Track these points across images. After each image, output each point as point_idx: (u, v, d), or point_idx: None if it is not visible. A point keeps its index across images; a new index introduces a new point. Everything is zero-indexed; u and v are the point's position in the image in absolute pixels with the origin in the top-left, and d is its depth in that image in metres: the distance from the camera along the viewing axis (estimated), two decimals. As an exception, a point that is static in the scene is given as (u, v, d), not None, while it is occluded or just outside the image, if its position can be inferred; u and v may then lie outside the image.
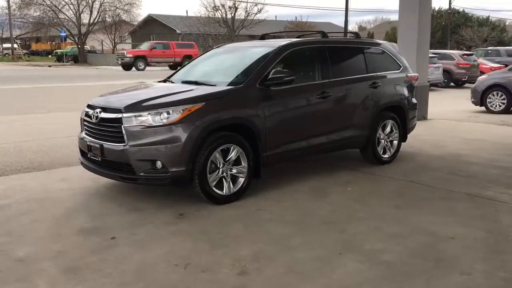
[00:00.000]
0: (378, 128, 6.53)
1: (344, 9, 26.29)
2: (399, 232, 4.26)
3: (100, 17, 51.91)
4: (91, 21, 50.79)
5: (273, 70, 5.29)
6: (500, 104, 12.69)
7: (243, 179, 5.09)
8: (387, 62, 6.83)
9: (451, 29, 55.86)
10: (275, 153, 5.36)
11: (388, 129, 6.71)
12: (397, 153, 6.93)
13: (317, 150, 5.95)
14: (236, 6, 40.22)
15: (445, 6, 64.04)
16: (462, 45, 52.68)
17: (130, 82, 21.85)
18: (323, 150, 6.02)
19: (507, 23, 68.60)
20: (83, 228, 4.40)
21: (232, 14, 40.69)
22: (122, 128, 4.71)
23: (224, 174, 4.97)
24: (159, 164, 4.66)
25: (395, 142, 6.86)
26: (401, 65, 7.02)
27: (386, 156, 6.73)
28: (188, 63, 6.68)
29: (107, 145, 4.85)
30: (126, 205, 5.02)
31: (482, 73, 24.01)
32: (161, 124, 4.66)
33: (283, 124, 5.38)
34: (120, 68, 35.50)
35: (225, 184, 4.98)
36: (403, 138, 6.98)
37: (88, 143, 5.08)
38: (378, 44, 6.92)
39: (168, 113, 4.68)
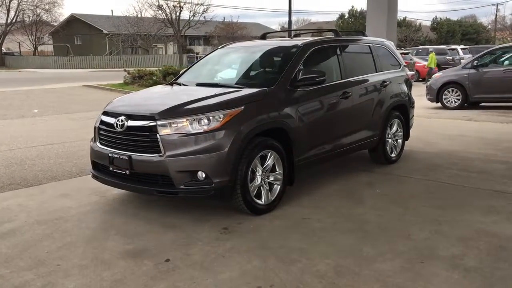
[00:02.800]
0: (387, 128, 6.45)
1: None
2: (464, 235, 4.13)
3: (18, 17, 48.78)
4: (8, 21, 47.58)
5: (302, 70, 5.02)
6: (456, 100, 13.18)
7: (279, 187, 4.79)
8: (390, 61, 6.78)
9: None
10: (306, 157, 5.10)
11: (394, 128, 6.65)
12: (402, 151, 6.90)
13: (341, 153, 5.74)
14: (181, 5, 38.88)
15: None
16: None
17: (62, 86, 20.65)
18: (345, 152, 5.82)
19: (422, 24, 72.50)
20: (126, 251, 3.90)
21: (177, 14, 39.27)
22: (158, 137, 4.24)
23: (263, 182, 4.64)
24: (201, 175, 4.24)
25: (400, 141, 6.83)
26: (401, 63, 7.00)
27: (393, 155, 6.68)
28: (193, 65, 6.22)
29: (137, 156, 4.35)
30: (155, 221, 4.55)
31: (417, 71, 25.20)
32: (202, 131, 4.25)
33: (313, 126, 5.13)
34: (46, 70, 33.44)
35: (263, 193, 4.65)
36: (406, 136, 6.97)
37: (109, 155, 4.54)
38: (382, 42, 6.85)
39: (208, 119, 4.28)
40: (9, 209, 5.00)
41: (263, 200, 4.63)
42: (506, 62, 12.71)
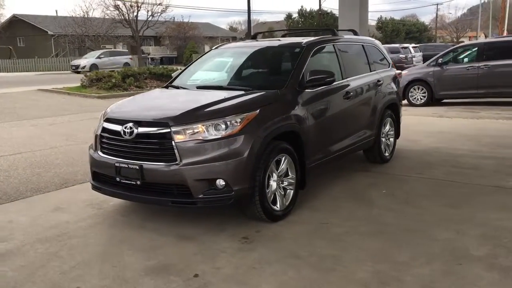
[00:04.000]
0: (382, 127, 6.43)
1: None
2: (486, 233, 4.11)
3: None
4: None
5: (310, 71, 4.89)
6: (421, 97, 13.47)
7: (292, 191, 4.64)
8: (380, 59, 6.77)
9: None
10: (315, 160, 4.97)
11: (387, 127, 6.65)
12: (394, 150, 6.91)
13: (344, 154, 5.64)
14: (139, 5, 37.61)
15: (315, 7, 67.16)
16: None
17: (15, 90, 19.63)
18: (347, 153, 5.73)
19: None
20: (149, 267, 3.64)
21: (135, 14, 37.97)
22: (173, 144, 3.99)
23: (278, 187, 4.48)
24: (220, 183, 4.02)
25: (391, 139, 6.83)
26: (390, 62, 7.01)
27: (387, 154, 6.67)
28: (187, 67, 5.92)
29: (149, 165, 4.08)
30: (168, 233, 4.29)
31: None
32: (219, 136, 4.03)
33: (320, 128, 5.01)
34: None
35: (278, 198, 4.48)
36: (397, 135, 6.99)
37: (116, 164, 4.23)
38: (373, 41, 6.82)
39: (225, 124, 4.06)
40: (0, 227, 4.59)
41: (278, 206, 4.47)
42: (469, 59, 13.10)
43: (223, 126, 4.05)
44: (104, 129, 4.43)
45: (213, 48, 6.12)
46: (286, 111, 4.53)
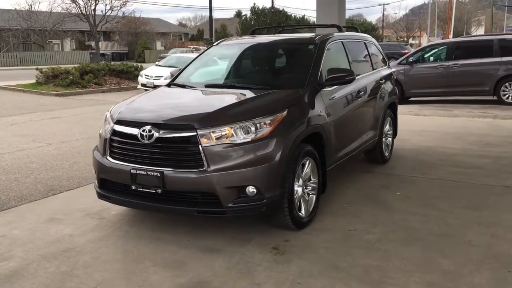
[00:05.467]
0: (383, 126, 6.30)
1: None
2: (521, 236, 4.04)
3: None
4: None
5: (328, 69, 4.66)
6: (392, 95, 13.55)
7: (314, 197, 4.39)
8: (380, 58, 6.63)
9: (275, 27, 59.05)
10: (332, 162, 4.75)
11: (387, 127, 6.53)
12: (392, 149, 6.80)
13: (355, 155, 5.45)
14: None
15: (268, 4, 67.42)
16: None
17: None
18: (356, 154, 5.53)
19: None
20: (181, 285, 3.30)
21: (93, 8, 36.11)
22: (200, 148, 3.64)
23: (303, 193, 4.22)
24: (251, 190, 3.71)
25: (390, 139, 6.72)
26: (387, 60, 6.89)
27: (386, 154, 6.55)
28: (188, 65, 5.50)
29: (172, 172, 3.71)
30: (189, 245, 3.94)
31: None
32: (249, 140, 3.72)
33: (338, 128, 4.77)
34: None
35: (303, 204, 4.22)
36: (394, 134, 6.89)
37: (132, 171, 3.83)
38: (372, 39, 6.67)
39: (255, 125, 3.76)
40: (-8, 242, 4.09)
41: (303, 212, 4.21)
42: (439, 58, 13.30)
43: (253, 129, 3.74)
44: (115, 132, 4.01)
45: (214, 44, 5.74)
46: (310, 112, 4.27)
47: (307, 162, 4.21)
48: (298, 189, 4.12)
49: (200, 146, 3.64)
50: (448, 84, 12.80)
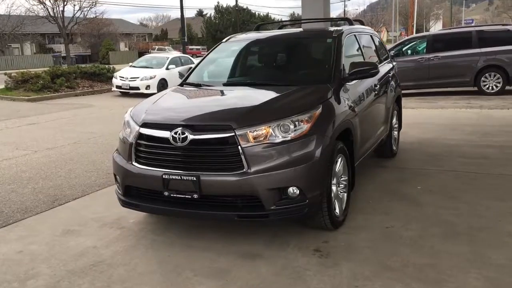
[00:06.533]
0: (392, 119, 6.23)
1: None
2: (559, 226, 4.01)
3: None
4: None
5: (351, 63, 4.52)
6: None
7: (345, 194, 4.26)
8: (384, 51, 6.56)
9: (240, 25, 58.89)
10: (357, 158, 4.62)
11: (394, 120, 6.46)
12: (398, 142, 6.75)
13: (372, 150, 5.34)
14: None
15: (232, 3, 67.08)
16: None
17: None
18: (373, 149, 5.42)
19: (283, 19, 75.35)
20: (236, 297, 3.10)
21: (61, 9, 34.50)
22: (240, 149, 3.44)
23: (338, 191, 4.08)
24: (293, 191, 3.53)
25: (396, 132, 6.66)
26: (389, 54, 6.83)
27: (394, 147, 6.49)
28: (198, 64, 5.23)
29: (209, 176, 3.49)
30: (224, 251, 3.74)
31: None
32: (289, 138, 3.54)
33: (362, 123, 4.64)
34: None
35: (337, 203, 4.07)
36: (399, 127, 6.84)
37: (164, 176, 3.59)
38: (375, 32, 6.57)
39: (294, 123, 3.58)
40: (12, 260, 3.78)
41: (338, 211, 4.07)
42: (420, 51, 13.42)
43: (292, 127, 3.57)
44: (142, 136, 3.76)
45: (223, 41, 5.50)
46: (340, 107, 4.12)
47: (339, 159, 4.07)
48: (333, 187, 3.97)
49: (239, 147, 3.44)
50: (430, 77, 12.93)
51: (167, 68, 17.52)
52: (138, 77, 16.77)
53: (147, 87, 16.61)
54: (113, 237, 4.12)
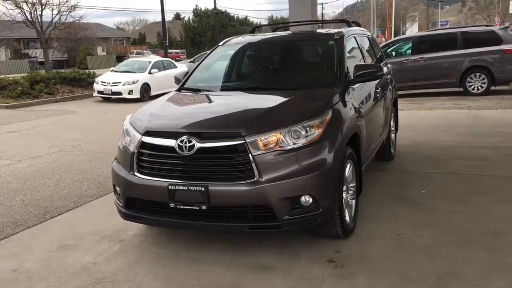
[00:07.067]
0: (391, 122, 6.14)
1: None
2: None
3: None
4: None
5: (356, 65, 4.40)
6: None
7: (354, 200, 4.12)
8: (380, 53, 6.47)
9: (219, 28, 58.62)
10: (363, 162, 4.49)
11: (392, 123, 6.37)
12: (395, 145, 6.66)
13: (375, 154, 5.23)
14: (43, 3, 32.86)
15: (210, 6, 66.85)
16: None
17: None
18: (375, 153, 5.31)
19: (262, 23, 75.38)
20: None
21: (39, 13, 33.35)
22: (250, 157, 3.27)
23: (348, 198, 3.94)
24: (306, 199, 3.38)
25: (393, 135, 6.57)
26: (383, 56, 6.74)
27: (392, 150, 6.39)
28: (195, 69, 5.03)
29: (218, 185, 3.32)
30: (232, 264, 3.57)
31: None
32: (301, 145, 3.39)
33: (367, 127, 4.51)
34: None
35: (347, 210, 3.93)
36: (396, 130, 6.75)
37: (170, 187, 3.40)
38: (370, 34, 6.48)
39: (305, 129, 3.43)
40: (7, 279, 3.54)
41: (348, 218, 3.92)
42: (405, 53, 13.44)
43: (303, 133, 3.41)
44: (145, 145, 3.56)
45: (220, 44, 5.31)
46: (348, 111, 3.99)
47: (348, 164, 3.93)
48: (344, 194, 3.83)
49: (250, 155, 3.27)
50: (416, 78, 12.93)
51: (149, 73, 17.20)
52: (120, 82, 16.44)
53: (130, 92, 16.30)
54: (113, 252, 3.91)
